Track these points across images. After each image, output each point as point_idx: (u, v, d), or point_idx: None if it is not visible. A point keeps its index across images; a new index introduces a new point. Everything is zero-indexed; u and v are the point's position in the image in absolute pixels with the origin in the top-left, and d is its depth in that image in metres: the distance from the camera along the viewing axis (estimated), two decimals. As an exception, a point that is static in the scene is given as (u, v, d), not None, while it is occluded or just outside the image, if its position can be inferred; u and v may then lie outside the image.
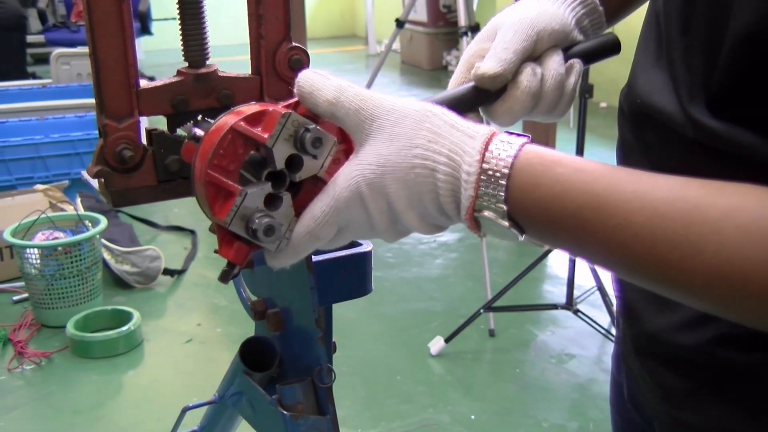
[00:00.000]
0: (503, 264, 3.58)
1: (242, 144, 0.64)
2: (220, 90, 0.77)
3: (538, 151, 0.60)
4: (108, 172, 0.72)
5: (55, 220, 3.18)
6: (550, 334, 2.97)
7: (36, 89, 5.02)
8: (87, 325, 2.89)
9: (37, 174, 4.05)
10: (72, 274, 2.96)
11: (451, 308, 3.15)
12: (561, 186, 0.58)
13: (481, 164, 0.59)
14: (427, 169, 0.61)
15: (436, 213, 0.63)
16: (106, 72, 0.71)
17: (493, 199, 0.59)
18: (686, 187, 0.56)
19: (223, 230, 0.65)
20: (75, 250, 2.94)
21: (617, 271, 0.60)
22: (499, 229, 0.61)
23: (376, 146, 0.63)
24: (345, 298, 0.95)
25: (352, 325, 3.01)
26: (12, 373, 2.70)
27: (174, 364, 2.81)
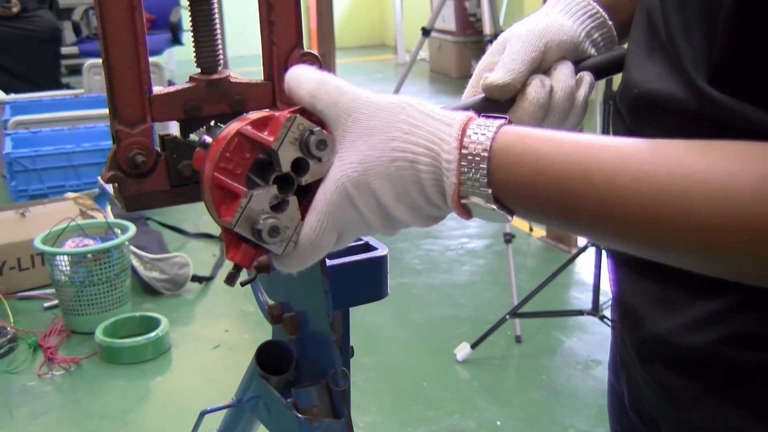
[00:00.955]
0: (530, 270, 3.56)
1: (249, 148, 0.65)
2: (232, 96, 0.78)
3: (516, 130, 0.60)
4: (121, 177, 0.73)
5: (85, 227, 3.21)
6: (576, 340, 2.95)
7: (68, 99, 5.08)
8: (116, 332, 2.92)
9: (68, 182, 4.10)
10: (101, 281, 2.99)
11: (477, 314, 3.14)
12: (543, 161, 0.58)
13: (459, 150, 0.60)
14: (406, 161, 0.61)
15: (425, 204, 0.63)
16: (119, 79, 0.71)
17: (476, 183, 0.59)
18: (668, 145, 0.56)
19: (230, 233, 0.66)
20: (104, 257, 2.97)
21: (610, 240, 0.59)
22: (488, 213, 0.61)
23: (355, 142, 0.63)
24: (360, 302, 0.95)
25: (379, 331, 3.01)
26: (42, 379, 2.74)
27: (201, 370, 2.82)
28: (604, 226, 0.57)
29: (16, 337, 2.96)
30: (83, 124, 4.47)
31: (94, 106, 4.83)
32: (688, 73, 0.62)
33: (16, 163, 4.05)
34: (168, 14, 7.00)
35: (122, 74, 0.71)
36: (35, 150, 4.11)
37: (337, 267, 0.90)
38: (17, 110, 4.81)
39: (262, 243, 0.65)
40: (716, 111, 0.59)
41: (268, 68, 0.80)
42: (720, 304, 0.65)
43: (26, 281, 3.36)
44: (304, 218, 0.66)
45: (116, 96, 0.71)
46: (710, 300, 0.65)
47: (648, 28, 0.70)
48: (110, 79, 0.71)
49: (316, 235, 0.65)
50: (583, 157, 0.57)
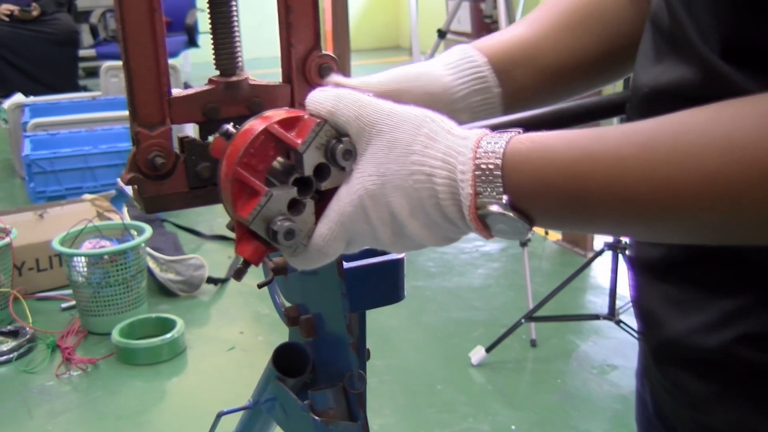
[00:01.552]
0: (545, 274, 3.55)
1: (273, 146, 0.65)
2: (251, 98, 0.78)
3: (527, 135, 0.60)
4: (140, 178, 0.73)
5: (102, 229, 3.23)
6: (592, 345, 2.94)
7: (86, 101, 5.11)
8: (132, 333, 2.93)
9: (85, 184, 4.13)
10: (117, 282, 3.00)
11: (492, 318, 3.14)
12: (550, 152, 0.58)
13: (474, 161, 0.60)
14: (424, 175, 0.61)
15: (441, 220, 0.62)
16: (139, 81, 0.72)
17: (492, 192, 0.59)
18: (669, 116, 0.56)
19: (243, 228, 0.66)
20: (120, 259, 2.98)
21: (626, 224, 0.58)
22: (507, 225, 0.60)
23: (377, 154, 0.63)
24: (377, 305, 0.95)
25: (394, 334, 3.01)
26: (60, 379, 2.75)
27: (216, 371, 2.83)
28: (617, 206, 0.56)
29: (34, 338, 2.98)
30: (100, 126, 4.50)
31: (110, 109, 4.85)
32: (696, 48, 0.61)
33: (35, 165, 4.08)
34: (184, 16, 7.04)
35: (142, 76, 0.71)
36: (53, 152, 4.14)
37: (354, 270, 0.90)
38: (36, 112, 4.84)
39: (275, 244, 0.66)
40: (727, 86, 0.58)
41: (287, 70, 0.81)
42: (734, 304, 0.64)
43: (44, 282, 3.38)
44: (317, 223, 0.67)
45: (136, 98, 0.72)
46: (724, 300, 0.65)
47: (653, 37, 0.70)
48: (130, 81, 0.71)
49: (325, 243, 0.66)
50: (588, 141, 0.57)
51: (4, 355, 2.87)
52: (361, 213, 0.64)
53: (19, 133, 4.79)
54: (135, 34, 0.70)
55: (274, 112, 0.67)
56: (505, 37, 0.83)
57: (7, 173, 5.22)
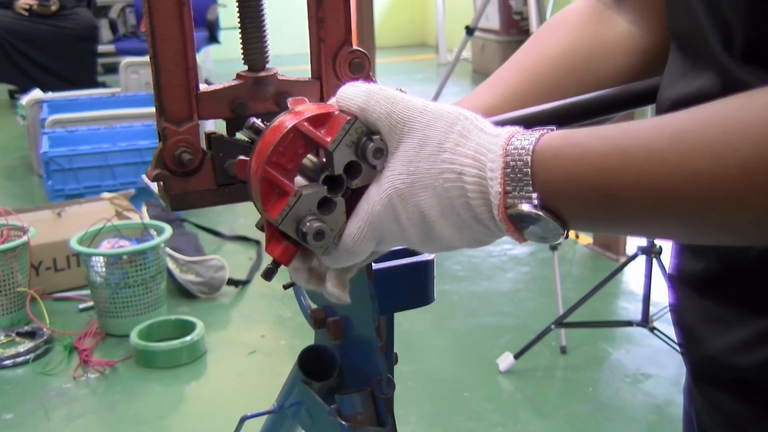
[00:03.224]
0: (576, 279, 3.54)
1: (303, 144, 0.66)
2: (280, 94, 0.78)
3: (559, 132, 0.60)
4: (167, 175, 0.74)
5: (121, 228, 3.26)
6: (625, 353, 2.92)
7: (105, 98, 5.16)
8: (151, 335, 2.95)
9: (104, 182, 4.16)
10: (136, 283, 3.02)
11: (521, 323, 3.13)
12: (580, 148, 0.58)
13: (503, 158, 0.59)
14: (454, 173, 0.61)
15: (471, 221, 0.62)
16: (166, 76, 0.72)
17: (522, 190, 0.59)
18: (702, 106, 0.55)
19: (272, 228, 0.67)
20: (140, 259, 3.01)
21: (659, 222, 0.57)
22: (539, 226, 0.60)
23: (407, 152, 0.63)
24: (406, 307, 0.95)
25: (420, 339, 3.01)
26: (77, 381, 2.77)
27: (237, 375, 2.84)
28: (650, 202, 0.56)
29: (51, 339, 3.01)
30: (120, 123, 4.53)
31: (130, 105, 4.89)
32: (716, 55, 0.61)
33: (53, 162, 4.12)
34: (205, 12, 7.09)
35: (170, 71, 0.72)
36: (72, 149, 4.17)
37: (383, 271, 0.90)
38: (54, 109, 4.89)
39: (305, 244, 0.66)
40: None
41: (317, 66, 0.81)
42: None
43: (62, 282, 3.42)
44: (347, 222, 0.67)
45: (163, 93, 0.72)
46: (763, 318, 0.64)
47: (678, 55, 0.70)
48: (158, 76, 0.72)
49: (354, 243, 0.66)
50: (619, 134, 0.57)
51: (21, 356, 2.90)
52: (391, 213, 0.64)
53: (37, 129, 4.84)
54: (163, 28, 0.71)
55: (305, 107, 0.68)
56: (470, 105, 0.83)
57: (25, 170, 5.28)
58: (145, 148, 4.20)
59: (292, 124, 0.65)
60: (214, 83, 0.78)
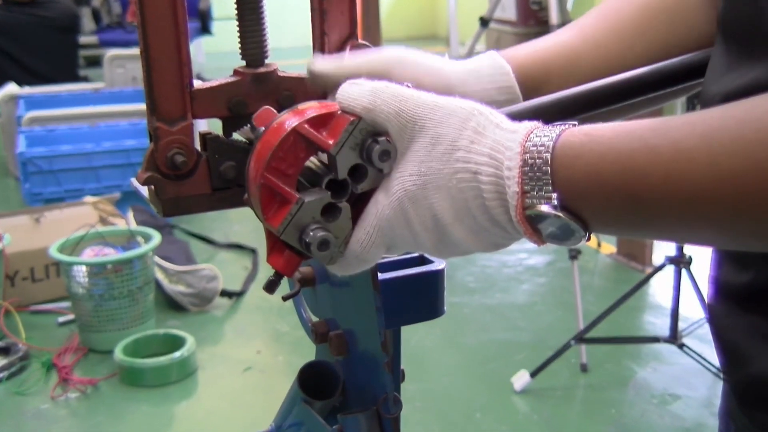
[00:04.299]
0: (597, 290, 3.54)
1: (304, 148, 0.66)
2: (281, 91, 0.79)
3: (580, 127, 0.61)
4: (159, 178, 0.75)
5: (105, 235, 3.27)
6: (651, 371, 2.92)
7: (88, 94, 5.17)
8: (137, 351, 2.96)
9: (87, 185, 4.17)
10: (122, 295, 3.03)
11: (538, 339, 3.13)
12: (604, 145, 0.58)
13: (521, 156, 0.60)
14: (469, 173, 0.62)
15: (487, 223, 0.63)
16: (159, 71, 0.73)
17: (541, 190, 0.60)
18: (738, 102, 0.56)
19: (274, 237, 0.67)
20: (126, 268, 3.02)
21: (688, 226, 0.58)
22: (558, 229, 0.60)
23: (419, 152, 0.64)
24: (414, 320, 0.95)
25: (427, 356, 3.01)
26: (56, 402, 2.78)
27: (231, 394, 2.85)
28: (679, 204, 0.56)
29: (28, 355, 3.01)
30: (104, 122, 4.54)
31: (115, 102, 4.90)
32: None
33: (31, 163, 4.13)
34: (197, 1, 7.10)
35: (162, 66, 0.73)
36: (51, 149, 4.18)
37: (390, 281, 0.91)
38: (32, 105, 4.90)
39: (309, 254, 0.67)
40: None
41: (319, 61, 0.82)
42: None
43: (40, 293, 3.42)
44: (354, 229, 0.68)
45: (155, 90, 0.73)
46: None
47: (725, 47, 0.70)
48: (149, 72, 0.73)
49: (363, 249, 0.67)
50: (646, 132, 0.57)
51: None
52: (401, 217, 0.65)
53: (13, 128, 4.84)
54: (155, 19, 0.72)
55: (306, 105, 0.69)
56: (543, 44, 0.84)
57: (0, 172, 5.29)
58: (131, 149, 4.21)
59: (293, 126, 0.66)
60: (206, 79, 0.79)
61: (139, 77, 5.38)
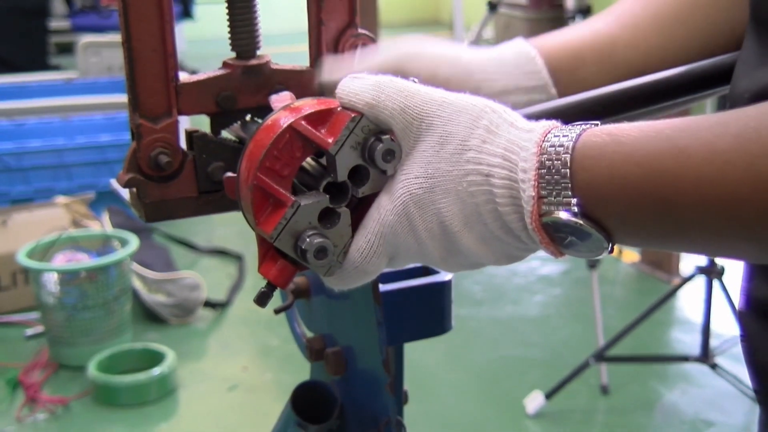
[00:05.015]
0: (620, 303, 3.54)
1: (300, 146, 0.67)
2: (273, 85, 0.79)
3: (604, 127, 0.61)
4: (141, 180, 0.75)
5: (79, 239, 3.27)
6: (680, 394, 2.92)
7: (59, 84, 5.16)
8: (112, 366, 2.95)
9: (58, 184, 4.15)
10: (96, 305, 3.03)
11: (553, 356, 3.13)
12: (629, 146, 0.59)
13: (538, 157, 0.60)
14: (480, 175, 0.62)
15: (500, 231, 0.63)
16: (142, 63, 0.74)
17: (559, 195, 0.60)
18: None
19: (267, 244, 0.68)
20: (101, 276, 3.01)
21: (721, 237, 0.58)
22: (578, 238, 0.61)
23: (426, 152, 0.64)
24: (419, 336, 0.96)
25: (430, 375, 3.01)
26: (22, 423, 2.77)
27: (214, 415, 2.85)
28: (713, 211, 0.56)
29: (-8, 371, 3.01)
30: (77, 115, 4.54)
31: (90, 93, 4.89)
32: None
33: (-3, 160, 4.13)
34: (179, -18, 7.10)
35: (146, 58, 0.73)
36: (20, 145, 4.18)
37: (393, 294, 0.91)
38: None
39: (305, 263, 0.67)
40: None
41: (316, 52, 0.82)
42: None
43: (6, 303, 3.42)
44: (354, 236, 0.68)
45: (138, 84, 0.74)
46: None
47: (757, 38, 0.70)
48: (131, 64, 0.73)
49: (363, 259, 0.67)
50: (675, 132, 0.58)
51: (-42, 392, 2.91)
52: (406, 223, 0.65)
53: (-23, 121, 4.85)
54: (139, 6, 0.72)
55: (303, 102, 0.69)
56: (575, 31, 0.85)
57: (-37, 170, 5.30)
58: (107, 145, 4.20)
59: (288, 122, 0.66)
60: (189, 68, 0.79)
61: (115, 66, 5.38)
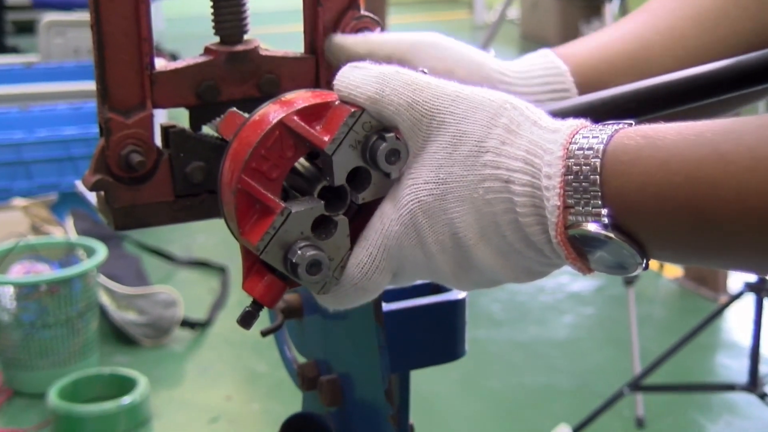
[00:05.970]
0: (658, 324, 3.54)
1: (292, 145, 0.67)
2: (262, 74, 0.80)
3: (637, 128, 0.61)
4: (110, 182, 0.75)
5: (38, 247, 3.26)
6: (724, 426, 2.92)
7: (18, 69, 5.16)
8: (76, 394, 2.95)
9: (16, 184, 4.15)
10: (58, 323, 3.02)
11: (582, 385, 3.13)
12: (666, 151, 0.59)
13: (564, 161, 0.60)
14: (499, 181, 0.62)
15: (520, 244, 0.63)
16: (112, 49, 0.74)
17: (587, 205, 0.60)
18: None
19: (252, 257, 0.68)
20: (63, 290, 3.01)
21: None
22: (609, 253, 0.61)
23: (436, 154, 0.64)
24: (427, 363, 0.96)
25: (442, 404, 3.01)
26: (-26, 457, 2.78)
27: (193, 451, 2.85)
28: (755, 224, 0.57)
29: (-62, 398, 3.01)
30: (38, 104, 4.54)
31: (53, 79, 4.89)
32: None
33: (-55, 156, 4.13)
34: (156, -47, 7.11)
35: (117, 43, 0.74)
36: (-28, 139, 4.19)
37: (397, 314, 0.91)
38: (-53, 83, 4.90)
39: (296, 279, 0.67)
40: None
41: (311, 37, 0.82)
42: None
43: (-45, 320, 3.43)
44: (353, 248, 0.68)
45: (108, 72, 0.74)
46: None
47: None
48: (101, 50, 0.73)
49: (364, 275, 0.67)
50: (717, 136, 0.58)
51: None
52: (413, 235, 0.65)
53: (-76, 111, 4.86)
54: (109, -16, 0.73)
55: (296, 94, 0.69)
56: (607, 36, 0.85)
57: None
58: (72, 139, 4.20)
59: (279, 117, 0.66)
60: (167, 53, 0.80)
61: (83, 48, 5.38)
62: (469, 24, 9.27)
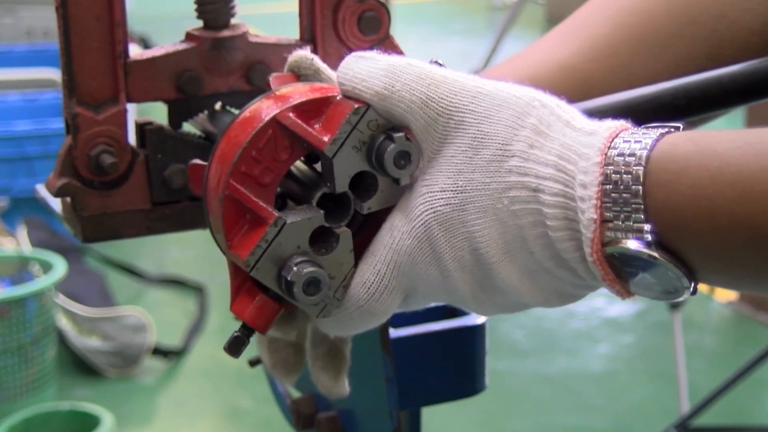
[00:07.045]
0: (710, 355, 3.53)
1: (287, 146, 0.67)
2: (251, 63, 0.80)
3: (685, 134, 0.62)
4: (78, 187, 0.76)
5: (-14, 262, 3.27)
6: (787, 476, 2.92)
7: (-39, 54, 5.17)
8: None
9: (-38, 188, 4.16)
10: (9, 350, 3.03)
11: (621, 425, 3.13)
12: (718, 160, 0.59)
13: (602, 168, 0.61)
14: (526, 190, 0.63)
15: (551, 263, 0.64)
16: (81, 34, 0.74)
17: (628, 220, 0.61)
18: None
19: (242, 274, 0.68)
20: (15, 311, 3.01)
21: None
22: (652, 275, 0.61)
23: (454, 159, 0.65)
24: (443, 398, 0.97)
25: (455, 449, 3.01)
26: None
27: (166, 500, 2.85)
28: None
29: None
30: (-13, 95, 4.55)
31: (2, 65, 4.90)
32: None
33: None
34: None
35: (86, 27, 0.74)
36: None
37: (408, 341, 0.92)
38: None
39: (291, 300, 0.68)
40: None
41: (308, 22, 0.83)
42: None
43: None
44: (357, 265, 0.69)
45: (75, 61, 0.74)
46: None
47: None
48: (68, 35, 0.74)
49: (370, 296, 0.68)
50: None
51: None
52: (428, 250, 0.66)
53: None
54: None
55: (292, 88, 0.70)
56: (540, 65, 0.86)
57: None
58: (26, 135, 4.20)
59: (272, 114, 0.67)
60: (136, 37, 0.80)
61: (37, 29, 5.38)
62: (486, 5, 9.27)
